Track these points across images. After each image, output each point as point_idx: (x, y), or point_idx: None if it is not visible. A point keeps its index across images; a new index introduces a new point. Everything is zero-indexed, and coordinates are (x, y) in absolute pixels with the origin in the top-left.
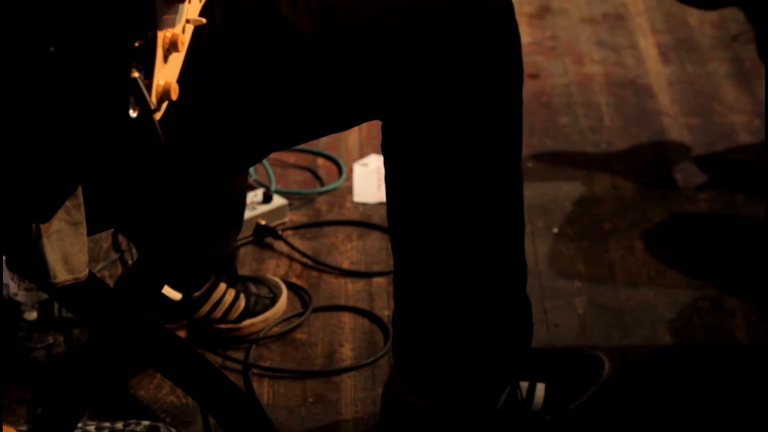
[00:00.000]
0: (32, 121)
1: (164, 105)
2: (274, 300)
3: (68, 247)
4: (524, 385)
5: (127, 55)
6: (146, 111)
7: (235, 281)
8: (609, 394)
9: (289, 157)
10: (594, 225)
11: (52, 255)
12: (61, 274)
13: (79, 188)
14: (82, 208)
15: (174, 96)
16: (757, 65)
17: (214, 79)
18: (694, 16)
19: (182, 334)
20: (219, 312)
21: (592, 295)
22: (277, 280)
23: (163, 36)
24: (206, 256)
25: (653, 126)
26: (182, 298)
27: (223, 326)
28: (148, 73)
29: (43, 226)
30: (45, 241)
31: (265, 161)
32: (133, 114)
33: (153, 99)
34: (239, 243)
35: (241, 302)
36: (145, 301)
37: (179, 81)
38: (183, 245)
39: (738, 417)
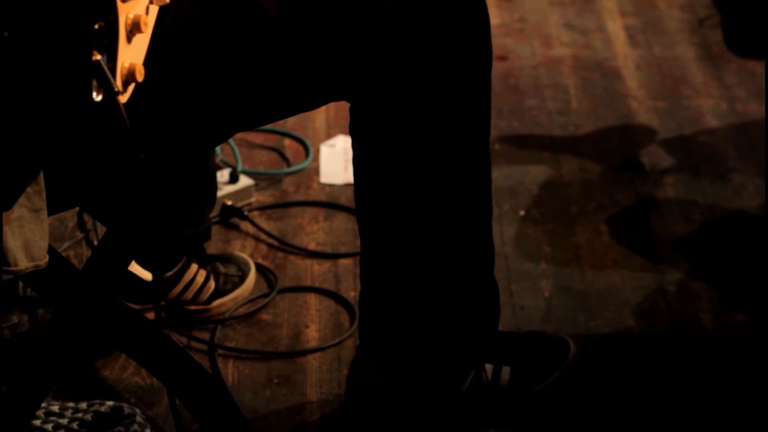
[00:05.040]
0: None
1: (131, 87)
2: (242, 278)
3: (29, 233)
4: (489, 367)
5: (87, 37)
6: (110, 94)
7: (206, 262)
8: (574, 377)
9: (256, 137)
10: (560, 208)
11: (14, 242)
12: (22, 262)
13: (41, 174)
14: (44, 194)
15: (140, 78)
16: (725, 49)
17: (181, 59)
18: None
19: (151, 315)
20: (190, 293)
21: (558, 278)
22: (245, 257)
23: (125, 17)
24: (180, 235)
25: (621, 109)
26: (153, 279)
27: (193, 307)
28: (112, 56)
29: (4, 213)
30: (6, 228)
31: (231, 141)
32: (97, 97)
33: (117, 81)
34: None
35: (212, 284)
36: (110, 280)
37: (146, 62)
38: (153, 224)
39: (702, 399)
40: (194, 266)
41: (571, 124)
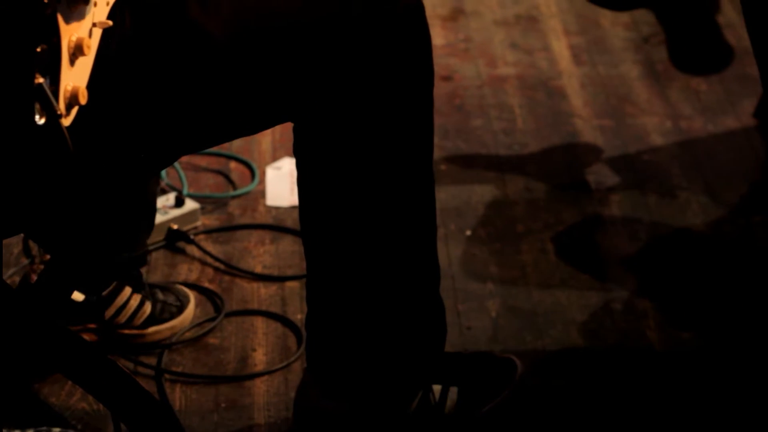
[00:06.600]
0: None
1: (74, 110)
2: (181, 309)
3: None
4: (437, 388)
5: (29, 60)
6: (53, 117)
7: (141, 287)
8: (522, 396)
9: (202, 160)
10: (507, 227)
11: None
12: None
13: None
14: None
15: (83, 101)
16: (669, 67)
17: (124, 82)
18: (607, 17)
19: (90, 338)
20: (124, 317)
21: (505, 298)
22: (186, 290)
23: (68, 40)
24: (114, 259)
25: (566, 128)
26: (85, 300)
27: (127, 332)
28: (54, 79)
29: None
30: None
31: (177, 164)
32: (39, 121)
33: (60, 104)
34: (151, 248)
35: (147, 308)
36: (54, 306)
37: (90, 85)
38: (94, 249)
39: (649, 416)
40: (128, 289)
41: (516, 144)
